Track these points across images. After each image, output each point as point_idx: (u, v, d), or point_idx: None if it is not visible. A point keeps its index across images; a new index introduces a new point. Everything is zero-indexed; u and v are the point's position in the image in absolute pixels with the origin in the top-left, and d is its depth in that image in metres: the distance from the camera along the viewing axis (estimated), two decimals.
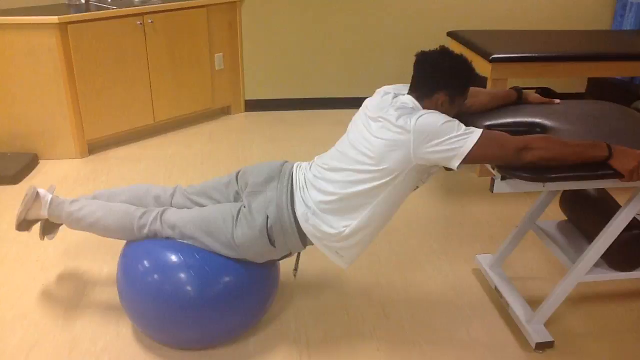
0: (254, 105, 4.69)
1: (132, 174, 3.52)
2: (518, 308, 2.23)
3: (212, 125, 4.39)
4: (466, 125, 1.79)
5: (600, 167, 1.80)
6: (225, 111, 4.64)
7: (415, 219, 3.04)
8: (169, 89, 4.09)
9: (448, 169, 3.51)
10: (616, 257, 2.09)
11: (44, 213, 2.17)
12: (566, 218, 2.39)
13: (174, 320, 1.94)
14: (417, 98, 1.89)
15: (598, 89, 4.34)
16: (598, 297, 2.42)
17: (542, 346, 2.10)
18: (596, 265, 2.08)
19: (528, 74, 3.24)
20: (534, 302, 2.34)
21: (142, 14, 3.77)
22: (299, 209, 1.90)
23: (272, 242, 1.90)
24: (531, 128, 2.05)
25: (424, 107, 1.87)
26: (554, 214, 2.96)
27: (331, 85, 4.69)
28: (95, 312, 2.30)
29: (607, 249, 2.02)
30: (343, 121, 4.52)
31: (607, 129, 2.04)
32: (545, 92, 3.82)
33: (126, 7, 3.71)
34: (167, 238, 2.01)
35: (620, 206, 2.03)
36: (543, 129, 2.04)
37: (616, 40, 3.65)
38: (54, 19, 3.38)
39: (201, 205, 2.08)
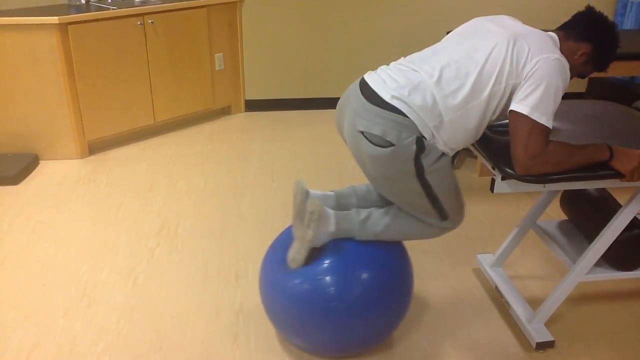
0: (254, 106, 4.69)
1: (132, 174, 3.53)
2: (519, 308, 2.23)
3: (213, 125, 4.39)
4: None
5: (601, 168, 1.80)
6: (225, 111, 4.64)
7: None
8: (169, 89, 4.09)
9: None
10: (617, 257, 2.09)
11: (331, 230, 1.90)
12: (567, 218, 2.39)
13: (312, 324, 1.89)
14: (562, 37, 1.87)
15: (598, 89, 4.34)
16: (599, 297, 2.42)
17: (542, 346, 2.10)
18: (597, 265, 2.08)
19: None
20: (534, 302, 2.35)
21: (142, 15, 3.77)
22: (388, 94, 1.75)
23: (385, 145, 1.73)
24: None
25: (562, 49, 1.84)
26: (555, 213, 2.96)
27: (331, 85, 4.69)
28: (96, 313, 2.30)
29: (608, 248, 2.02)
30: None
31: (608, 129, 2.04)
32: None
33: (126, 8, 3.71)
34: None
35: (620, 206, 2.04)
36: None
37: None
38: (54, 19, 3.39)
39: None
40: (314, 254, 1.93)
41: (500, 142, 1.95)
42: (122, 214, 3.06)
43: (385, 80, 1.79)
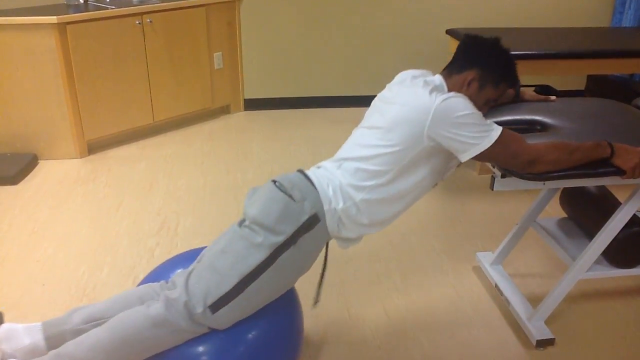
0: (253, 104, 4.69)
1: (132, 174, 3.52)
2: (519, 305, 2.23)
3: (212, 124, 4.39)
4: None
5: (601, 165, 1.80)
6: (224, 110, 4.64)
7: (415, 217, 3.04)
8: (169, 88, 4.09)
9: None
10: (616, 254, 2.09)
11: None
12: (566, 215, 2.39)
13: None
14: (446, 76, 1.81)
15: (597, 86, 4.34)
16: (598, 294, 2.43)
17: (543, 343, 2.10)
18: (596, 262, 2.09)
19: (527, 71, 3.23)
20: (534, 300, 2.35)
21: (141, 14, 3.77)
22: (308, 170, 1.78)
23: (288, 194, 1.67)
24: (531, 126, 2.05)
25: (449, 86, 1.78)
26: (554, 211, 2.96)
27: (330, 83, 4.69)
28: None
29: (608, 246, 2.02)
30: (342, 120, 4.53)
31: (607, 126, 2.03)
32: (545, 90, 3.82)
33: (125, 7, 3.71)
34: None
35: (620, 203, 2.04)
36: (543, 126, 2.04)
37: (615, 37, 3.64)
38: (52, 19, 3.38)
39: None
40: None
41: None
42: (121, 213, 3.06)
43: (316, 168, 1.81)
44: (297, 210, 1.66)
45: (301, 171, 1.78)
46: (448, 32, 3.73)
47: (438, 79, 1.80)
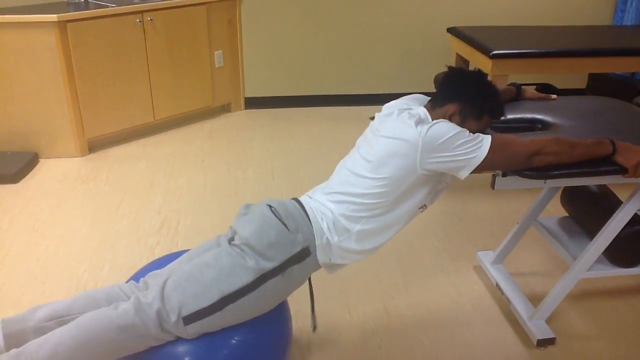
0: (254, 103, 4.68)
1: (132, 172, 3.52)
2: (519, 305, 2.23)
3: (213, 122, 4.39)
4: None
5: (602, 164, 1.79)
6: (225, 109, 4.64)
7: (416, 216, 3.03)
8: (169, 86, 4.09)
9: None
10: (617, 253, 2.09)
11: None
12: (567, 214, 2.39)
13: None
14: (429, 109, 1.82)
15: (598, 85, 4.33)
16: (599, 294, 2.42)
17: (543, 343, 2.10)
18: (597, 261, 2.08)
19: (528, 69, 3.23)
20: (535, 299, 2.34)
21: (141, 12, 3.76)
22: (302, 199, 1.80)
23: (283, 222, 1.69)
24: (532, 124, 2.05)
25: (433, 118, 1.79)
26: (555, 210, 2.96)
27: (331, 82, 4.68)
28: None
29: (609, 245, 2.01)
30: (343, 118, 4.52)
31: (608, 124, 2.03)
32: (546, 88, 3.81)
33: (125, 5, 3.70)
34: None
35: (621, 202, 2.03)
36: (544, 125, 2.04)
37: (617, 36, 3.64)
38: (53, 17, 3.38)
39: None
40: None
41: None
42: (122, 211, 3.06)
43: (305, 197, 1.83)
44: (290, 240, 1.68)
45: (296, 200, 1.79)
46: (450, 30, 3.73)
47: (422, 111, 1.81)
